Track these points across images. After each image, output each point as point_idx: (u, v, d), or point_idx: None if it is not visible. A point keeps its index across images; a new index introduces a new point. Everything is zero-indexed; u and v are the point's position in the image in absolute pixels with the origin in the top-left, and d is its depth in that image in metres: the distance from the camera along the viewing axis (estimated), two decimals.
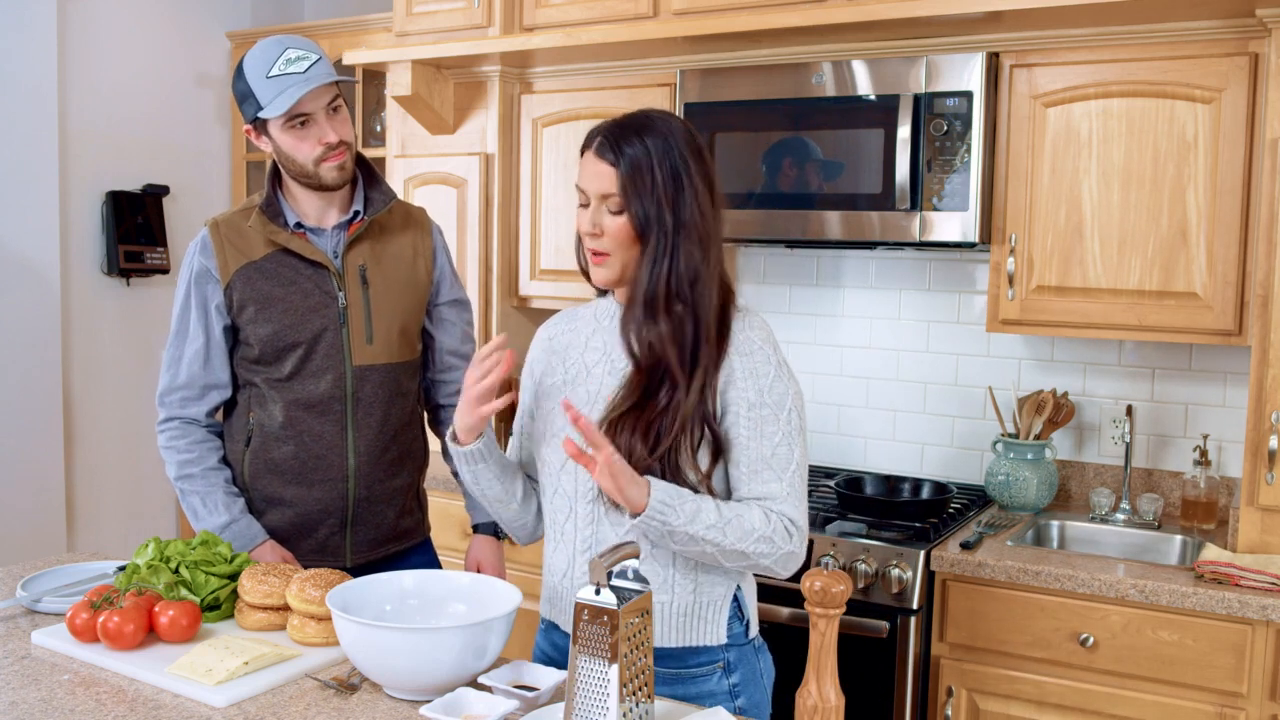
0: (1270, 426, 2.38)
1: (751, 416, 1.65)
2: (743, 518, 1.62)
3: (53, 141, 3.73)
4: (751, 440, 1.65)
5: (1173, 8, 2.45)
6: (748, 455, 1.66)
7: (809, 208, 2.86)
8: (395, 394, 2.23)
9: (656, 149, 1.64)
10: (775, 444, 1.66)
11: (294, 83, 2.03)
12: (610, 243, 1.68)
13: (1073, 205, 2.67)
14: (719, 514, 1.61)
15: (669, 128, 1.67)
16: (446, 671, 1.54)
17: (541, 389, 1.83)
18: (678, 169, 1.64)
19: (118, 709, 1.54)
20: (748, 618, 1.78)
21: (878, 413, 3.28)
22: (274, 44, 2.07)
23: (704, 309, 1.65)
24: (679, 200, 1.64)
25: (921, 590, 2.54)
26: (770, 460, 1.66)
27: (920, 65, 2.71)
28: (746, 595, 1.78)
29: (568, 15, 3.24)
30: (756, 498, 1.66)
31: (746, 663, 1.76)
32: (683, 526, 1.58)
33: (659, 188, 1.63)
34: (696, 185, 1.65)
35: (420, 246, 2.28)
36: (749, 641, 1.78)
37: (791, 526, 1.65)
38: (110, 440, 4.04)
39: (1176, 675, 2.34)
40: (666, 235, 1.64)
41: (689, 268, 1.64)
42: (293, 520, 2.19)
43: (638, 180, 1.64)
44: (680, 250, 1.64)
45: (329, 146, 2.09)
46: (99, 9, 3.94)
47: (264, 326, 2.13)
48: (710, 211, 1.66)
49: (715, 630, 1.72)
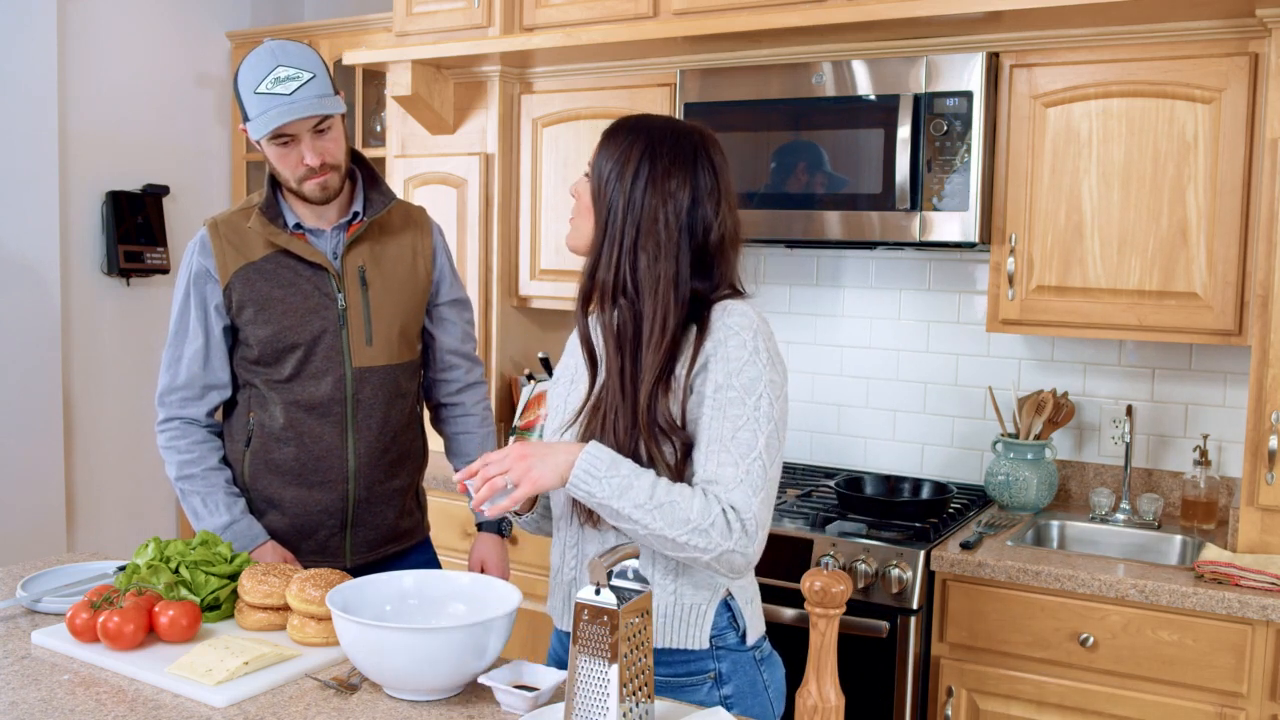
0: (1270, 426, 2.38)
1: (716, 398, 1.58)
2: (678, 504, 1.53)
3: (53, 141, 3.73)
4: (714, 421, 1.58)
5: (1173, 8, 2.45)
6: (707, 434, 1.58)
7: (809, 208, 2.86)
8: (395, 395, 2.23)
9: (635, 143, 1.65)
10: (738, 427, 1.57)
11: (277, 104, 2.01)
12: (579, 208, 1.71)
13: (1073, 205, 2.67)
14: (652, 494, 1.53)
15: (663, 130, 1.66)
16: (446, 671, 1.54)
17: (552, 387, 1.84)
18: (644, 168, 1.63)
19: (118, 709, 1.54)
20: (744, 625, 1.69)
21: (878, 413, 3.28)
22: (267, 56, 2.03)
23: (650, 309, 1.61)
24: (634, 197, 1.62)
25: (921, 590, 2.54)
26: (729, 442, 1.56)
27: (920, 65, 2.71)
28: (741, 601, 1.70)
29: (568, 15, 3.24)
30: (708, 480, 1.56)
31: (743, 673, 1.69)
32: (608, 500, 1.53)
33: (620, 180, 1.63)
34: (670, 189, 1.62)
35: (420, 247, 2.28)
36: (747, 650, 1.70)
37: (735, 520, 1.53)
38: (110, 440, 4.04)
39: (1176, 675, 2.34)
40: (616, 227, 1.64)
41: (634, 265, 1.63)
42: (293, 521, 2.19)
43: (605, 163, 1.66)
44: (624, 247, 1.63)
45: (309, 169, 2.08)
46: (99, 9, 3.93)
47: (263, 328, 2.13)
48: (671, 219, 1.62)
49: (698, 634, 1.66)
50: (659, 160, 1.63)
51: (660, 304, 1.61)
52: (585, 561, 1.70)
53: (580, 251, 1.72)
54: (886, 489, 3.02)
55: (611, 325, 1.65)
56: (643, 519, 1.53)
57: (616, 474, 1.54)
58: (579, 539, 1.72)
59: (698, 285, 1.65)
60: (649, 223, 1.62)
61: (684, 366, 1.62)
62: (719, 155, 1.69)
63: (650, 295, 1.62)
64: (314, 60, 2.07)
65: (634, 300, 1.63)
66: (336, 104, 2.07)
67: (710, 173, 1.66)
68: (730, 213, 1.69)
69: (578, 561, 1.72)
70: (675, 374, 1.61)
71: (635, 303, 1.63)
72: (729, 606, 1.69)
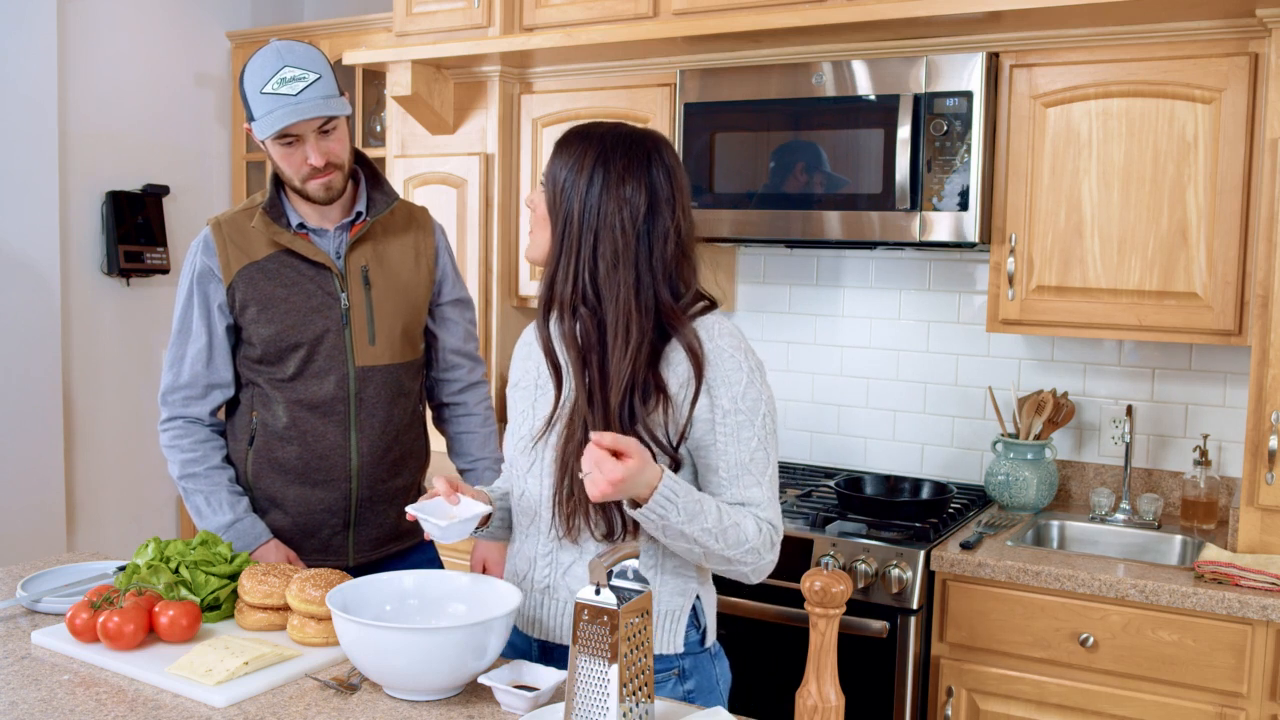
0: (1270, 426, 2.38)
1: (726, 423, 1.64)
2: (740, 527, 1.61)
3: (52, 141, 3.73)
4: (729, 446, 1.64)
5: (1173, 8, 2.45)
6: (726, 461, 1.64)
7: (809, 208, 2.86)
8: (398, 394, 2.23)
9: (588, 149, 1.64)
10: (753, 449, 1.65)
11: (283, 105, 2.02)
12: (535, 219, 1.71)
13: (1073, 205, 2.67)
14: (719, 519, 1.59)
15: (616, 136, 1.66)
16: (446, 671, 1.54)
17: (512, 391, 1.83)
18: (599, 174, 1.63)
19: (118, 709, 1.54)
20: (704, 625, 1.76)
21: (878, 413, 3.28)
22: (274, 56, 2.05)
23: (613, 317, 1.61)
24: (589, 203, 1.62)
25: (921, 590, 2.54)
26: (749, 465, 1.65)
27: (920, 65, 2.71)
28: (705, 604, 1.77)
29: (567, 15, 3.24)
30: (740, 503, 1.65)
31: (702, 670, 1.75)
32: (679, 524, 1.56)
33: (574, 187, 1.63)
34: (625, 195, 1.62)
35: (422, 246, 2.28)
36: (705, 650, 1.77)
37: (774, 535, 1.66)
38: (110, 440, 4.04)
39: (1176, 675, 2.34)
40: (574, 235, 1.64)
41: (593, 273, 1.62)
42: (295, 520, 2.19)
43: (559, 171, 1.66)
44: (583, 255, 1.63)
45: (314, 169, 2.08)
46: (99, 9, 3.93)
47: (266, 327, 2.13)
48: (629, 224, 1.62)
49: (672, 639, 1.71)
50: (613, 165, 1.64)
51: (622, 311, 1.61)
52: (562, 570, 1.72)
53: (539, 262, 1.72)
54: (886, 489, 3.02)
55: (574, 334, 1.65)
56: (707, 542, 1.59)
57: (690, 498, 1.57)
58: (554, 549, 1.73)
59: (663, 292, 1.65)
60: (606, 229, 1.62)
61: (684, 391, 1.63)
62: (672, 157, 1.69)
63: (612, 303, 1.62)
64: (320, 61, 2.08)
65: (595, 308, 1.64)
66: (342, 105, 2.08)
67: (665, 175, 1.66)
68: (687, 215, 1.69)
69: (551, 570, 1.74)
70: (672, 396, 1.63)
71: (597, 311, 1.64)
72: (694, 610, 1.75)
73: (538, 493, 1.73)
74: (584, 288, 1.64)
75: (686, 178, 1.72)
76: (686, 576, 1.72)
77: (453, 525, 1.68)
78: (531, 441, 1.73)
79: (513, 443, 1.79)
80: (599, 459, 1.48)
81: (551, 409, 1.70)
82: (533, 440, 1.73)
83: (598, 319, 1.64)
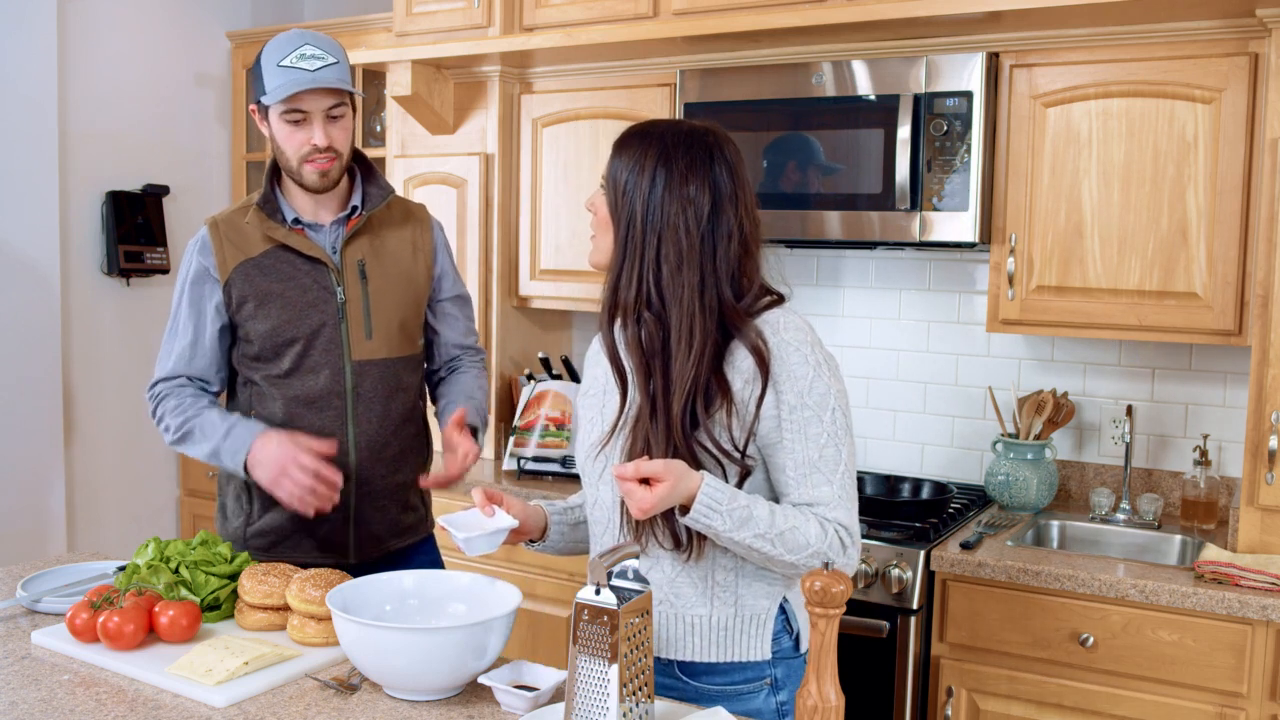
0: (1270, 426, 2.38)
1: (793, 420, 1.58)
2: (798, 530, 1.55)
3: (52, 141, 3.73)
4: (796, 443, 1.58)
5: (1173, 8, 2.45)
6: (794, 459, 1.59)
7: (809, 208, 2.86)
8: (395, 389, 2.23)
9: (648, 149, 1.61)
10: (821, 445, 1.58)
11: (298, 76, 2.05)
12: (597, 223, 1.68)
13: (1073, 205, 2.67)
14: (771, 523, 1.54)
15: (676, 133, 1.62)
16: (446, 671, 1.54)
17: (582, 398, 1.80)
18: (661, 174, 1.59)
19: (118, 709, 1.54)
20: (797, 629, 1.68)
21: (878, 413, 3.28)
22: (296, 36, 2.09)
23: (677, 320, 1.58)
24: (652, 204, 1.59)
25: (921, 590, 2.54)
26: (818, 463, 1.58)
27: (920, 65, 2.71)
28: (795, 606, 1.68)
29: (567, 15, 3.24)
30: (807, 503, 1.59)
31: (796, 679, 1.67)
32: (728, 532, 1.52)
33: (637, 188, 1.59)
34: (689, 194, 1.59)
35: (420, 242, 2.29)
36: (799, 655, 1.69)
37: (846, 537, 1.58)
38: (110, 440, 4.04)
39: (1176, 675, 2.34)
40: (637, 238, 1.60)
41: (656, 277, 1.59)
42: (295, 517, 2.19)
43: (620, 173, 1.62)
44: (646, 258, 1.59)
45: (315, 149, 2.09)
46: (99, 9, 3.93)
47: (263, 322, 2.14)
48: (693, 225, 1.58)
49: (759, 645, 1.65)
50: (675, 164, 1.59)
51: (686, 313, 1.58)
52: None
53: (603, 268, 1.67)
54: (886, 489, 3.02)
55: (638, 340, 1.61)
56: (762, 547, 1.54)
57: (735, 505, 1.53)
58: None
59: (725, 292, 1.61)
60: (670, 231, 1.58)
61: (749, 389, 1.58)
62: (734, 153, 1.65)
63: (676, 306, 1.58)
64: (340, 51, 2.13)
65: (659, 313, 1.60)
66: (355, 89, 2.12)
67: (727, 172, 1.62)
68: (750, 212, 1.65)
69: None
70: (736, 395, 1.58)
71: (662, 315, 1.60)
72: (784, 611, 1.68)
73: (610, 499, 1.69)
74: (648, 292, 1.60)
75: (748, 173, 1.67)
76: (771, 578, 1.66)
77: (476, 538, 1.65)
78: (598, 448, 1.69)
79: (583, 450, 1.75)
80: (628, 490, 1.47)
81: (616, 415, 1.66)
82: (599, 446, 1.68)
83: (662, 323, 1.60)
